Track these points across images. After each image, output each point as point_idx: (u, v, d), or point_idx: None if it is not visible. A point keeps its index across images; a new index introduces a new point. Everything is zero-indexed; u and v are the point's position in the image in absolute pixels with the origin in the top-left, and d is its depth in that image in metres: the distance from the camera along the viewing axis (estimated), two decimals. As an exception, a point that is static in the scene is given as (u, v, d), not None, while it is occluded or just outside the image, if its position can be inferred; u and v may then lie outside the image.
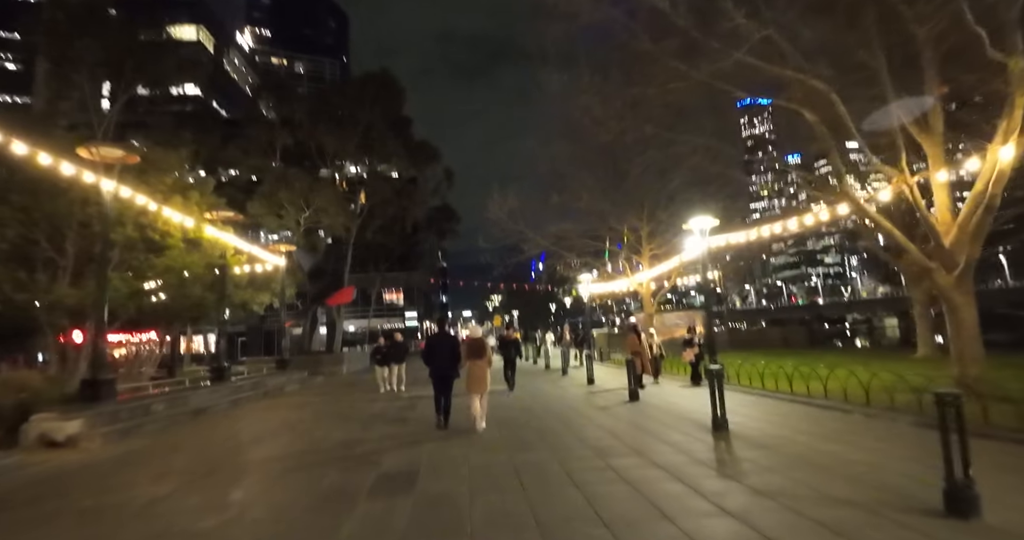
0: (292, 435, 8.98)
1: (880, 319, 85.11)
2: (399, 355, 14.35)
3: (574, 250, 22.51)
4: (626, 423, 8.34)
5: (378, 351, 14.54)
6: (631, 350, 11.83)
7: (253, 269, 20.70)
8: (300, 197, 28.72)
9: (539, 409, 10.45)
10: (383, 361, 14.24)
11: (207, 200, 15.49)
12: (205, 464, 6.87)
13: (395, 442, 7.75)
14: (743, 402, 9.83)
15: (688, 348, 12.66)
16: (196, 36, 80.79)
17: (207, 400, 12.58)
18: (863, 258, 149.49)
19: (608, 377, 15.88)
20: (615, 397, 11.53)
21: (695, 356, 12.30)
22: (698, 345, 12.39)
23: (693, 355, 12.41)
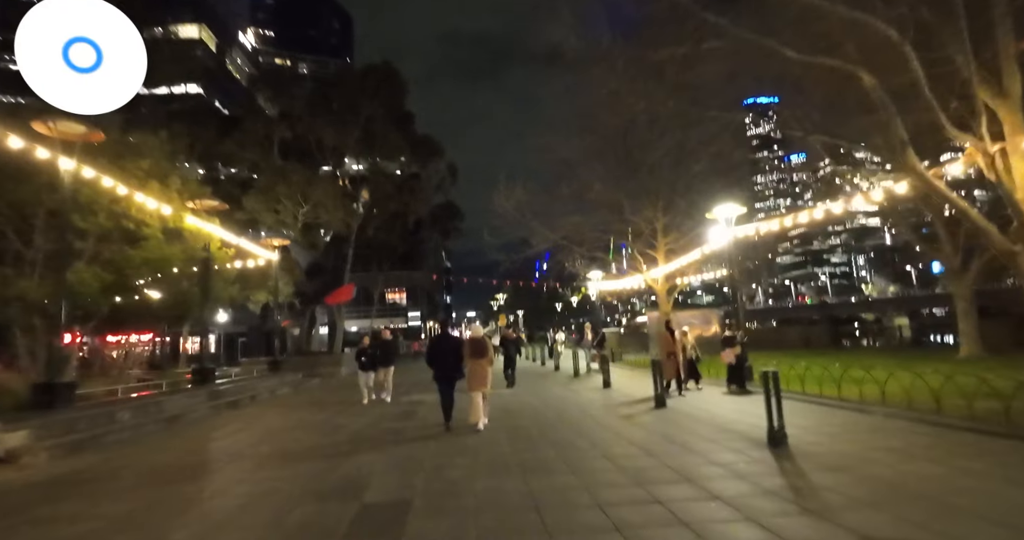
0: (268, 450, 7.75)
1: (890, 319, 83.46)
2: (387, 357, 12.13)
3: (584, 244, 21.24)
4: (659, 436, 7.06)
5: (362, 353, 12.04)
6: (665, 350, 10.54)
7: (245, 265, 19.58)
8: (297, 191, 27.59)
9: (552, 417, 9.19)
10: (368, 365, 11.98)
11: (189, 188, 14.30)
12: (153, 490, 5.66)
13: (386, 460, 6.52)
14: (789, 410, 8.53)
15: (728, 348, 11.00)
16: (198, 35, 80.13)
17: (184, 406, 11.39)
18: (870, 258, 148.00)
19: (625, 380, 14.62)
20: (639, 403, 10.25)
21: (736, 357, 10.85)
22: (740, 344, 10.97)
23: (734, 356, 10.83)
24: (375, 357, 12.01)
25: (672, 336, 10.83)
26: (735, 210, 13.98)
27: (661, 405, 9.53)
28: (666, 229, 19.82)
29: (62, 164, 9.38)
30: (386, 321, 59.05)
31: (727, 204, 13.96)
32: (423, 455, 6.61)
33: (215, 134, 31.60)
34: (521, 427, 8.26)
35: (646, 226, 19.90)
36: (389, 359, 12.20)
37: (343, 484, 5.46)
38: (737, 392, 10.64)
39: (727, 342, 11.22)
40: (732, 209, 13.94)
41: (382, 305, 55.40)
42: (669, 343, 10.77)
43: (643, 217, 19.30)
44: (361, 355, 12.07)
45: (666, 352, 10.60)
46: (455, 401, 8.54)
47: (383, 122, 33.59)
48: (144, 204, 11.83)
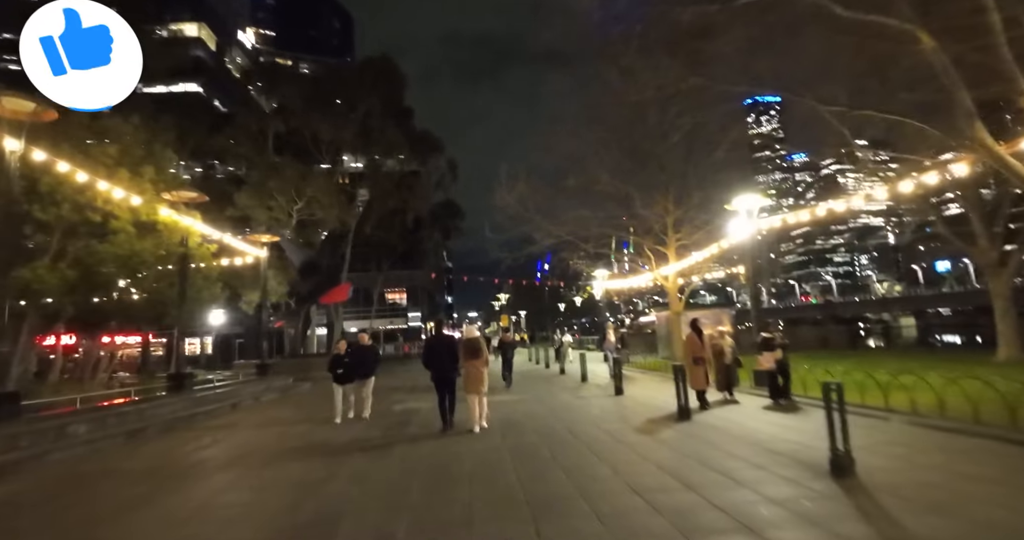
0: (228, 477, 6.63)
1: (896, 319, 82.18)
2: (367, 366, 9.97)
3: (590, 241, 20.10)
4: (694, 460, 5.92)
5: (337, 362, 9.94)
6: (692, 355, 9.23)
7: (232, 263, 18.49)
8: (291, 187, 26.52)
9: (563, 431, 8.05)
10: (344, 376, 9.85)
11: (165, 177, 13.19)
12: (80, 528, 4.56)
13: (366, 490, 5.40)
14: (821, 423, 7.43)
15: (767, 351, 9.29)
16: (197, 33, 79.26)
17: (151, 417, 10.29)
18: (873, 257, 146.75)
19: (638, 386, 13.49)
20: (659, 415, 9.11)
21: (777, 362, 9.23)
22: (781, 348, 9.35)
23: (775, 361, 9.18)
24: (352, 367, 9.90)
25: (700, 337, 9.39)
26: (757, 200, 12.86)
27: (685, 417, 8.39)
28: (677, 224, 18.68)
29: (7, 145, 8.28)
30: (386, 322, 57.98)
31: (748, 194, 12.83)
32: (411, 484, 5.49)
33: (207, 129, 30.57)
34: (528, 445, 7.12)
35: (656, 221, 18.76)
36: (368, 368, 10.06)
37: (311, 525, 4.34)
38: (780, 404, 9.12)
39: (766, 345, 9.51)
40: (754, 199, 12.82)
41: (382, 305, 54.29)
42: (697, 346, 9.31)
43: (653, 211, 18.15)
44: (336, 364, 9.96)
45: (692, 356, 9.20)
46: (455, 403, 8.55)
47: (381, 116, 32.53)
48: (110, 194, 10.71)
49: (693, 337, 9.51)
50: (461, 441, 7.65)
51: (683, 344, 9.70)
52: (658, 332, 25.24)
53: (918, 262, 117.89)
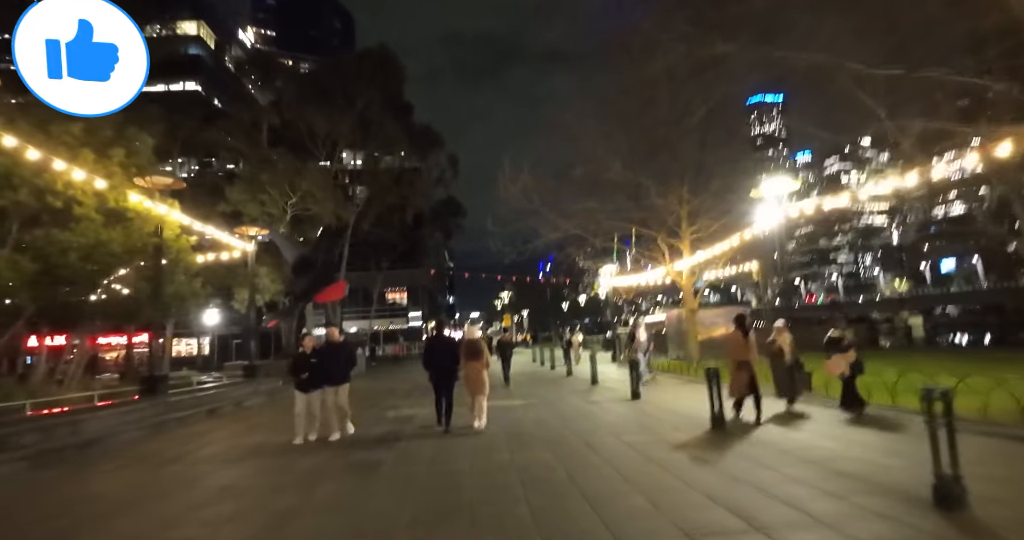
0: (174, 509, 5.50)
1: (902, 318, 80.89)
2: (338, 370, 8.00)
3: (598, 235, 18.96)
4: (748, 485, 4.77)
5: (301, 364, 7.85)
6: (736, 358, 7.57)
7: (218, 257, 17.41)
8: (285, 180, 25.40)
9: (579, 445, 6.90)
10: (310, 382, 7.77)
11: (137, 161, 12.08)
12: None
13: (343, 528, 4.26)
14: (904, 438, 6.29)
15: (838, 354, 7.58)
16: (197, 32, 78.54)
17: (113, 426, 9.19)
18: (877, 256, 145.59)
19: (653, 390, 12.34)
20: (685, 424, 7.96)
21: (850, 367, 7.51)
22: (854, 350, 7.63)
23: (847, 365, 7.49)
24: (321, 370, 7.83)
25: (745, 336, 7.63)
26: (786, 185, 11.71)
27: (719, 428, 7.24)
28: (692, 216, 17.52)
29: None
30: (386, 322, 56.88)
31: (776, 178, 11.69)
32: (400, 515, 4.36)
33: (199, 122, 29.54)
34: (540, 464, 5.97)
35: (669, 214, 17.60)
36: (339, 373, 7.98)
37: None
38: (857, 417, 7.47)
39: (835, 345, 7.71)
40: (783, 184, 11.68)
41: (381, 305, 53.20)
42: (741, 347, 7.57)
43: (669, 201, 16.99)
44: (299, 366, 7.85)
45: (736, 360, 7.54)
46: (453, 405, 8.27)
47: (379, 109, 31.42)
48: (70, 176, 9.61)
49: (737, 336, 7.79)
50: (461, 457, 6.52)
51: (726, 344, 8.10)
52: (668, 332, 24.09)
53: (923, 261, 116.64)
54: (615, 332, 23.86)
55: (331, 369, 7.94)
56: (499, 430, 8.19)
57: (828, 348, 7.91)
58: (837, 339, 7.87)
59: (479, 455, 6.57)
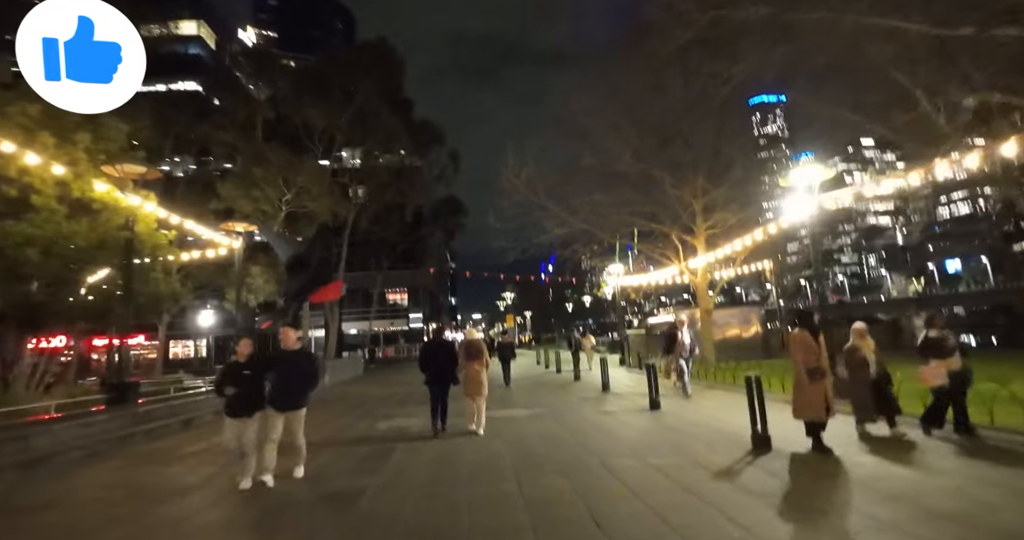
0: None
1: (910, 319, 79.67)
2: (290, 389, 5.78)
3: (607, 230, 17.87)
4: (830, 536, 3.69)
5: (230, 376, 5.73)
6: (807, 363, 5.94)
7: (204, 255, 16.39)
8: (279, 175, 24.39)
9: (595, 466, 5.82)
10: (240, 403, 5.69)
11: (107, 147, 11.04)
12: None
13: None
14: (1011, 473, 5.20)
15: (937, 359, 6.09)
16: (197, 31, 77.98)
17: (72, 439, 8.15)
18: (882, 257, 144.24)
19: (670, 399, 11.22)
20: (720, 441, 6.88)
21: (952, 375, 6.05)
22: (961, 352, 6.18)
23: (946, 373, 6.03)
24: (258, 388, 5.66)
25: (816, 339, 5.99)
26: (819, 173, 10.64)
27: (762, 447, 6.15)
28: (707, 211, 16.44)
29: None
30: (386, 323, 55.86)
31: (808, 167, 10.62)
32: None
33: (192, 117, 28.58)
34: (554, 498, 4.88)
35: (684, 208, 16.52)
36: (290, 394, 5.75)
37: None
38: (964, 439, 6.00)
39: (934, 348, 6.17)
40: (815, 172, 10.60)
41: (382, 306, 52.18)
42: (813, 350, 5.94)
43: (684, 192, 15.90)
44: (228, 381, 5.68)
45: (808, 367, 5.91)
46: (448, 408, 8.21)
47: (378, 102, 30.39)
48: (23, 160, 8.58)
49: (806, 338, 6.01)
50: (459, 484, 5.46)
51: (792, 347, 6.15)
52: (664, 335, 23.03)
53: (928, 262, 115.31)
54: (624, 334, 22.76)
55: (282, 386, 5.67)
56: (503, 447, 7.13)
57: (924, 352, 6.34)
58: (938, 341, 6.24)
59: (480, 482, 5.50)
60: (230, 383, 5.70)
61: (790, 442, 6.33)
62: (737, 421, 7.80)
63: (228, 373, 5.82)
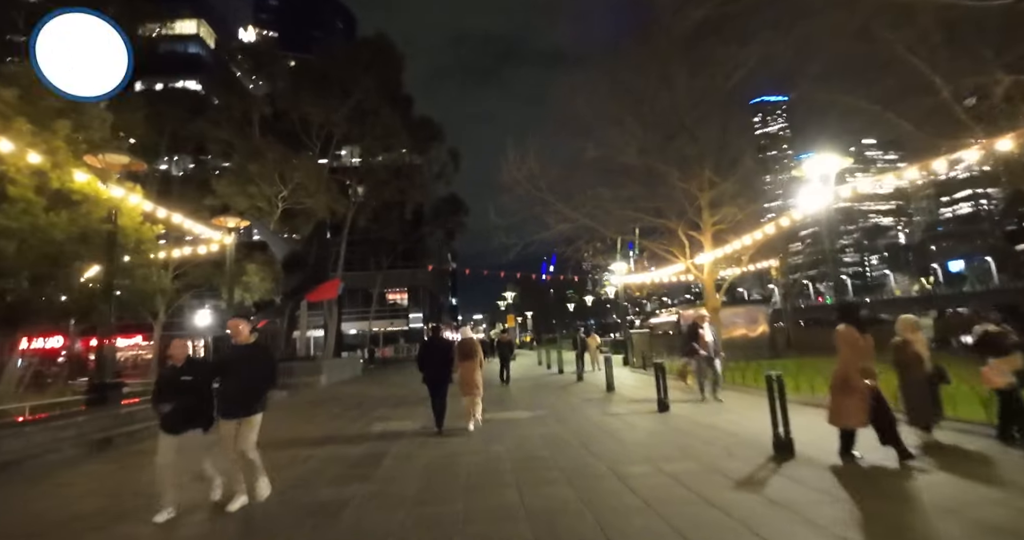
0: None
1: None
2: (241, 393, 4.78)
3: (611, 225, 17.37)
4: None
5: (167, 384, 4.77)
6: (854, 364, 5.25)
7: (196, 251, 15.92)
8: (275, 171, 23.90)
9: (606, 474, 5.33)
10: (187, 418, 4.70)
11: (88, 136, 10.55)
12: None
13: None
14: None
15: (995, 357, 5.47)
16: (196, 30, 77.72)
17: (47, 442, 7.68)
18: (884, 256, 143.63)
19: (678, 401, 10.71)
20: (737, 446, 6.39)
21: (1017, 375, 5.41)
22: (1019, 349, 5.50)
23: (1010, 372, 5.39)
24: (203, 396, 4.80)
25: (862, 333, 5.36)
26: (836, 163, 10.14)
27: (784, 453, 5.65)
28: (715, 205, 15.94)
29: None
30: (386, 323, 55.38)
31: (824, 155, 10.11)
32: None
33: (188, 112, 28.09)
34: (560, 509, 4.38)
35: (690, 202, 16.01)
36: (242, 398, 4.78)
37: None
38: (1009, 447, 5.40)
39: (990, 346, 5.59)
40: (832, 162, 10.10)
41: (381, 306, 51.72)
42: (858, 349, 5.28)
43: (691, 186, 15.39)
44: (165, 394, 4.72)
45: (856, 368, 5.23)
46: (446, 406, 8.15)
47: (377, 98, 29.89)
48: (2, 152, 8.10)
49: (853, 334, 5.33)
50: (455, 494, 4.97)
51: (838, 345, 5.43)
52: (684, 333, 22.52)
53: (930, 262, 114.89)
54: (628, 333, 22.24)
55: (232, 389, 4.76)
56: (503, 452, 6.64)
57: (982, 349, 5.71)
58: (997, 337, 5.63)
59: (478, 491, 5.01)
60: (167, 399, 4.63)
61: (814, 447, 5.83)
62: (753, 424, 7.31)
63: (164, 384, 4.75)
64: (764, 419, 5.92)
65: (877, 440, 5.37)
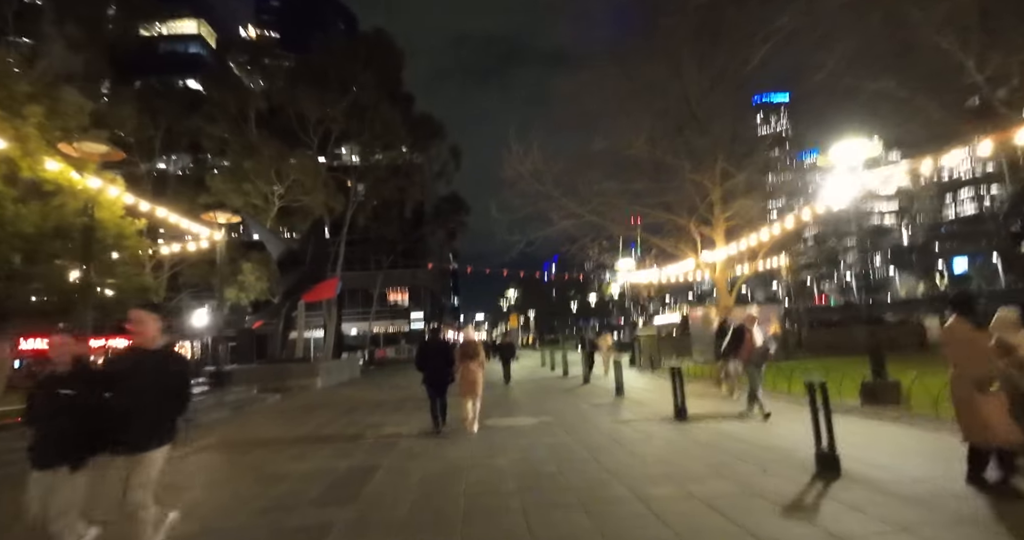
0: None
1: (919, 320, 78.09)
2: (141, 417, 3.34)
3: (618, 221, 16.63)
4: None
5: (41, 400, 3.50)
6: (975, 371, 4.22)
7: (185, 248, 15.26)
8: (271, 167, 23.25)
9: (628, 499, 4.60)
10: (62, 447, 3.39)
11: (64, 124, 9.88)
12: None
13: None
14: None
15: None
16: (196, 30, 77.35)
17: None
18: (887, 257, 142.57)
19: (696, 406, 9.98)
20: (773, 463, 5.67)
21: None
22: None
23: None
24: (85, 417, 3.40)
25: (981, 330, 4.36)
26: (865, 148, 9.43)
27: (829, 470, 4.93)
28: (727, 199, 15.20)
29: None
30: (386, 323, 54.71)
31: (851, 140, 9.39)
32: None
33: (182, 108, 27.47)
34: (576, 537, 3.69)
35: (702, 197, 15.27)
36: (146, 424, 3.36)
37: None
38: None
39: None
40: (859, 147, 9.39)
41: (382, 306, 51.02)
42: (978, 349, 4.27)
43: (704, 177, 14.64)
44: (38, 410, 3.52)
45: (975, 374, 4.21)
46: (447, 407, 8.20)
47: (376, 93, 29.23)
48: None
49: (966, 331, 4.38)
50: (451, 520, 4.26)
51: (947, 345, 4.54)
52: (693, 333, 21.83)
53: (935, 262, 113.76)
54: (635, 333, 21.54)
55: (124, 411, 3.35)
56: (507, 466, 5.94)
57: None
58: None
59: (478, 518, 4.31)
60: (39, 419, 3.47)
61: (861, 463, 5.11)
62: (785, 434, 6.60)
63: (38, 398, 3.54)
64: (796, 428, 5.26)
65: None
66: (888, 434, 6.64)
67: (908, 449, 5.86)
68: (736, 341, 8.81)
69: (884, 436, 6.51)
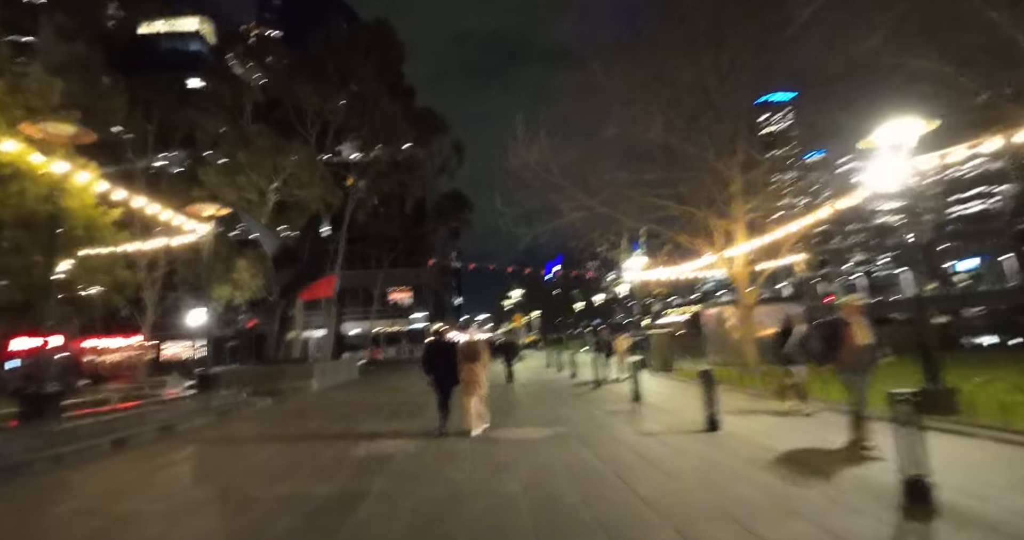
0: None
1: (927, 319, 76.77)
2: None
3: (630, 213, 15.63)
4: None
5: None
6: None
7: (170, 244, 14.35)
8: (266, 160, 22.33)
9: (668, 535, 3.66)
10: None
11: (24, 101, 8.95)
12: None
13: None
14: None
15: None
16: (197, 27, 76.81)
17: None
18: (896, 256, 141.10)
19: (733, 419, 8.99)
20: (845, 492, 4.70)
21: None
22: None
23: None
24: None
25: None
26: (915, 128, 8.42)
27: (921, 503, 3.97)
28: (748, 191, 14.20)
29: None
30: (388, 322, 53.77)
31: (899, 120, 8.39)
32: None
33: (175, 99, 26.57)
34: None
35: (721, 188, 14.28)
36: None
37: None
38: None
39: None
40: (909, 127, 8.38)
41: (383, 305, 50.10)
42: None
43: (723, 168, 13.67)
44: None
45: None
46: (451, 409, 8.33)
47: (376, 85, 28.31)
48: None
49: None
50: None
51: None
52: (706, 333, 20.81)
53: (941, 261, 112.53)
54: (645, 333, 20.56)
55: None
56: (518, 493, 4.97)
57: None
58: None
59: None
60: None
61: (953, 491, 4.14)
62: (831, 448, 5.64)
63: None
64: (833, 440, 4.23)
65: None
66: (962, 451, 5.66)
67: (995, 470, 4.89)
68: (830, 342, 6.15)
69: (958, 454, 5.53)
